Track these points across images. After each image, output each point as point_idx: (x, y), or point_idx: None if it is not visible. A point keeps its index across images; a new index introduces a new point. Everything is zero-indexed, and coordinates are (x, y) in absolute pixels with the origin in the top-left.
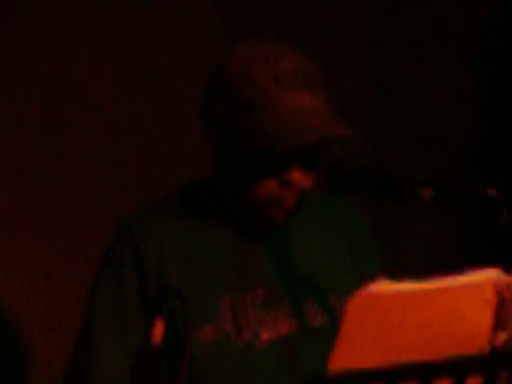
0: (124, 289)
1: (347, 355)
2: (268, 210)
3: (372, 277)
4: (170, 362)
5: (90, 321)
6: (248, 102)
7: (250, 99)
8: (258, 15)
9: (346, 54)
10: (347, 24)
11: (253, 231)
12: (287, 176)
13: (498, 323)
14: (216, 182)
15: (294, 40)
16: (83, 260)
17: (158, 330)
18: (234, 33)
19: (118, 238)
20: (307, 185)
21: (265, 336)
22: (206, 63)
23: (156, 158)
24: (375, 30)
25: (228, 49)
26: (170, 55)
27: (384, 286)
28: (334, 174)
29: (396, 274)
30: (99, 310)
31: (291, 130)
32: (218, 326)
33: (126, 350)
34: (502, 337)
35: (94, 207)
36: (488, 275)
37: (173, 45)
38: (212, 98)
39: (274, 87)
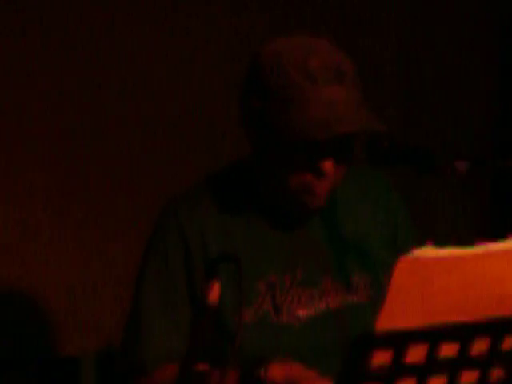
0: (171, 268)
1: (393, 316)
2: (301, 197)
3: (408, 248)
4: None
5: (138, 298)
6: (280, 96)
7: (282, 93)
8: (289, 13)
9: (378, 45)
10: (380, 18)
11: (292, 214)
12: (320, 167)
13: None
14: (252, 167)
15: (326, 32)
16: (131, 237)
17: (215, 291)
18: (262, 31)
19: (164, 221)
20: (339, 176)
21: (302, 314)
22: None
23: (190, 151)
24: (405, 19)
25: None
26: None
27: (428, 252)
28: (373, 149)
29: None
30: (147, 287)
31: (322, 124)
32: (256, 308)
33: (175, 326)
34: None
35: (139, 192)
36: None
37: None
38: (246, 90)
39: (305, 81)
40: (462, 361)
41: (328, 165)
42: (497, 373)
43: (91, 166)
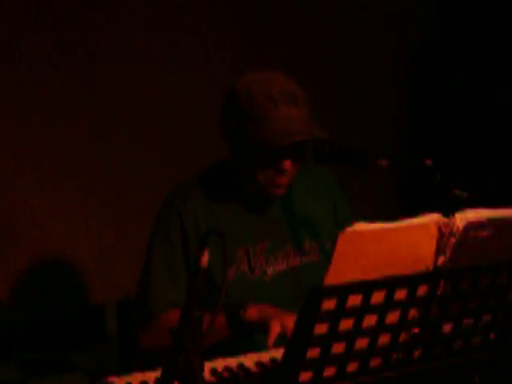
0: (172, 241)
1: (337, 274)
2: (267, 188)
3: (346, 224)
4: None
5: (148, 263)
6: (251, 116)
7: (252, 113)
8: (258, 46)
9: (317, 70)
10: (318, 51)
11: (261, 200)
12: (281, 166)
13: (439, 250)
14: (231, 167)
15: (282, 64)
16: (143, 217)
17: (205, 257)
18: (238, 61)
19: (166, 207)
20: (294, 172)
21: (270, 272)
22: (219, 84)
23: (187, 152)
24: (336, 52)
25: (233, 73)
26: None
27: (362, 226)
28: (318, 151)
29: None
30: (155, 255)
31: (283, 134)
32: (236, 268)
33: (176, 283)
34: (441, 259)
35: (149, 185)
36: (433, 217)
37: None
38: (225, 113)
39: (269, 104)
40: (388, 305)
41: (287, 164)
42: (412, 314)
43: (116, 163)
